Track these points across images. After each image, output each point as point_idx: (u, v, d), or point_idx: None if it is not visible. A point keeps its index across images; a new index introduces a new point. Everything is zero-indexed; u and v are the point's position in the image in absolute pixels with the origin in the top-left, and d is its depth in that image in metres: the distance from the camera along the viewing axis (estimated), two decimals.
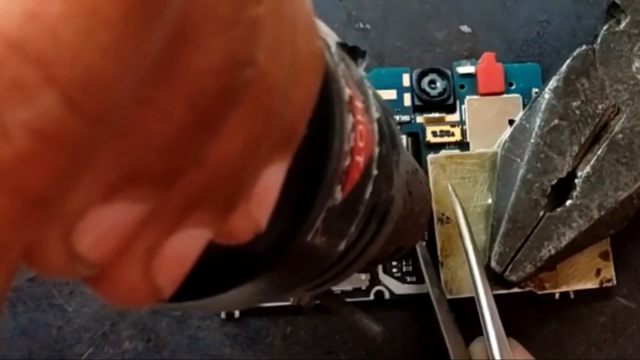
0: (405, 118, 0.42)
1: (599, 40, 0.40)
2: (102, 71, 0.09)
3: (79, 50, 0.09)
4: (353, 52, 0.19)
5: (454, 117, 0.43)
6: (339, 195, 0.17)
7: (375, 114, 0.19)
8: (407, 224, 0.28)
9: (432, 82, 0.42)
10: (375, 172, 0.18)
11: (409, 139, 0.42)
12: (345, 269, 0.22)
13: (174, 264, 0.13)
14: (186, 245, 0.13)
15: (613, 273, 0.41)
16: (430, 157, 0.41)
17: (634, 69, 0.40)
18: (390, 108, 0.24)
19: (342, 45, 0.18)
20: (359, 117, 0.17)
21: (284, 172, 0.14)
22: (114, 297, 0.13)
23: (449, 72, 0.42)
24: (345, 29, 0.43)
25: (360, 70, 0.19)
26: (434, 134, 0.42)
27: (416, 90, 0.42)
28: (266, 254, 0.16)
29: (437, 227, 0.41)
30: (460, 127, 0.42)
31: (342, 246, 0.19)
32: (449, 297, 0.40)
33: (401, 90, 0.42)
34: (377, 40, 0.43)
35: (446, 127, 0.42)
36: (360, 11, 0.44)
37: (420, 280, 0.42)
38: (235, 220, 0.14)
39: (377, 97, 0.21)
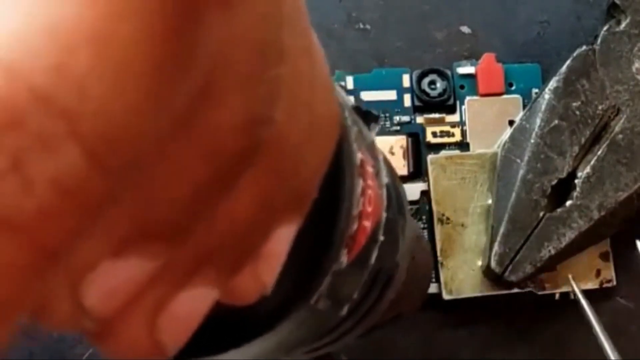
0: (405, 118, 0.42)
1: (599, 40, 0.40)
2: (126, 127, 0.09)
3: (105, 104, 0.09)
4: (365, 116, 0.19)
5: (454, 117, 0.43)
6: (344, 259, 0.16)
7: (385, 179, 0.19)
8: (409, 290, 0.28)
9: (432, 82, 0.42)
10: (381, 237, 0.18)
11: (409, 139, 0.42)
12: (346, 334, 0.22)
13: (180, 322, 0.13)
14: (194, 303, 0.13)
15: (613, 274, 0.41)
16: (430, 157, 0.41)
17: (634, 70, 0.40)
18: (395, 172, 0.24)
19: (356, 109, 0.18)
20: (369, 182, 0.17)
21: (293, 234, 0.14)
22: (117, 352, 0.12)
23: (449, 73, 0.42)
24: (345, 30, 0.43)
25: (372, 135, 0.19)
26: (434, 134, 0.42)
27: (416, 90, 0.42)
28: (269, 315, 0.16)
29: (437, 227, 0.41)
30: (460, 127, 0.42)
31: (344, 311, 0.18)
32: (448, 297, 0.40)
33: (401, 91, 0.42)
34: (377, 41, 0.43)
35: (446, 128, 0.42)
36: (360, 11, 0.44)
37: None
38: (242, 281, 0.13)
39: (387, 162, 0.21)
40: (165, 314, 0.12)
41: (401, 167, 0.41)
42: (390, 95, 0.42)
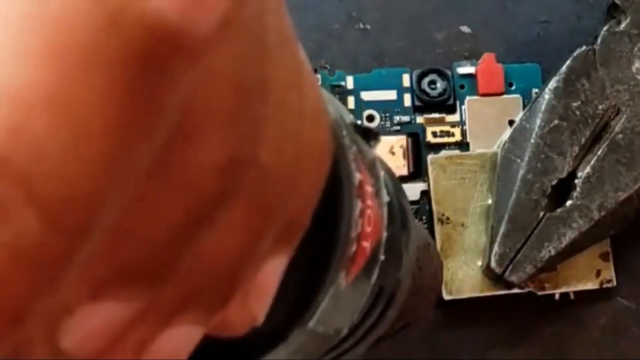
0: (406, 118, 0.42)
1: (599, 40, 0.40)
2: (86, 189, 0.09)
3: (62, 167, 0.09)
4: (365, 133, 0.19)
5: (454, 117, 0.43)
6: (343, 281, 0.16)
7: (386, 198, 0.18)
8: (415, 302, 0.27)
9: (432, 82, 0.42)
10: (382, 256, 0.18)
11: (409, 139, 0.42)
12: (347, 351, 0.21)
13: None
14: (178, 342, 0.12)
15: (613, 274, 0.41)
16: (430, 157, 0.41)
17: (634, 70, 0.40)
18: (402, 187, 0.23)
19: (355, 126, 0.18)
20: (368, 202, 0.16)
21: (284, 265, 0.13)
22: None
23: (449, 73, 0.42)
24: (345, 30, 0.43)
25: (373, 152, 0.19)
26: (434, 134, 0.42)
27: (416, 90, 0.42)
28: (264, 341, 0.16)
29: (437, 227, 0.41)
30: (460, 127, 0.42)
31: (344, 332, 0.18)
32: (448, 297, 0.40)
33: (401, 91, 0.42)
34: (377, 41, 0.43)
35: (446, 128, 0.42)
36: (360, 12, 0.44)
37: None
38: (231, 314, 0.13)
39: (391, 176, 0.20)
40: (149, 354, 0.12)
41: (401, 167, 0.41)
42: (390, 95, 0.42)
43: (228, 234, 0.12)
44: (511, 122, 0.41)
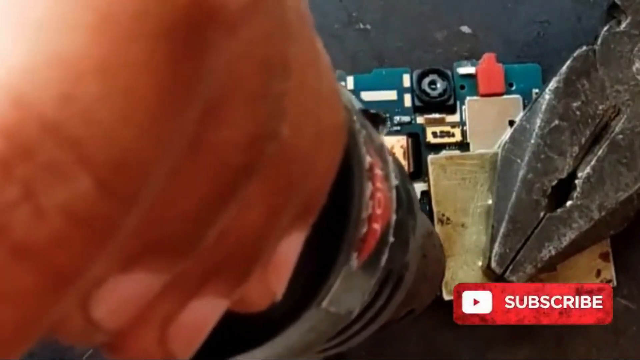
0: (406, 119, 0.42)
1: (599, 41, 0.40)
2: (136, 152, 0.09)
3: (113, 131, 0.09)
4: (374, 118, 0.19)
5: (454, 117, 0.43)
6: (355, 262, 0.16)
7: (395, 181, 0.19)
8: (420, 288, 0.28)
9: (432, 82, 0.42)
10: (391, 239, 0.18)
11: (409, 139, 0.42)
12: (356, 334, 0.22)
13: (189, 333, 0.13)
14: (203, 314, 0.13)
15: (613, 274, 0.41)
16: (430, 157, 0.41)
17: (634, 70, 0.40)
18: (407, 173, 0.24)
19: (364, 112, 0.18)
20: (378, 185, 0.17)
21: (302, 242, 0.14)
22: None
23: (449, 73, 0.42)
24: (345, 30, 0.43)
25: (381, 137, 0.19)
26: (434, 134, 0.42)
27: (416, 90, 0.42)
28: (280, 320, 0.16)
29: (437, 227, 0.41)
30: (460, 127, 0.42)
31: (355, 313, 0.19)
32: (448, 297, 0.40)
33: (401, 91, 0.42)
34: (377, 41, 0.43)
35: (446, 128, 0.42)
36: (360, 12, 0.44)
37: None
38: (251, 289, 0.13)
39: (397, 162, 0.21)
40: (175, 325, 0.12)
41: None
42: (391, 95, 0.42)
43: (251, 208, 0.12)
44: (511, 122, 0.41)
